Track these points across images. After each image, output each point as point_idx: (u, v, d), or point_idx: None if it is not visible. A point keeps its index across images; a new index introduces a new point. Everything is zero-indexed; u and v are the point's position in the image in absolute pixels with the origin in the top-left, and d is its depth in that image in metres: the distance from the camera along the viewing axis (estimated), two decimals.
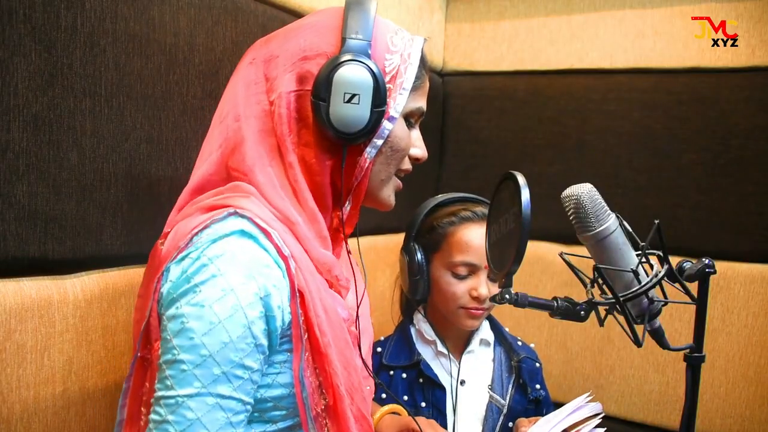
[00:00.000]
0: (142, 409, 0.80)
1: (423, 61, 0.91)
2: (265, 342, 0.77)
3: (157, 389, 0.75)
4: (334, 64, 0.82)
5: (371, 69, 0.83)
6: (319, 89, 0.83)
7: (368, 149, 0.87)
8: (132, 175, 1.03)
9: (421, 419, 1.11)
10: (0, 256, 0.86)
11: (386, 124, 0.87)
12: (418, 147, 0.95)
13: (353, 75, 0.82)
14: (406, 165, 0.95)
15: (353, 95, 0.82)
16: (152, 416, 0.74)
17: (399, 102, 0.87)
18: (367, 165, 0.88)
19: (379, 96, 0.83)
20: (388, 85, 0.86)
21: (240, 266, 0.75)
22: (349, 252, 1.02)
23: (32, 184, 0.88)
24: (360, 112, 0.83)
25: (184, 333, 0.73)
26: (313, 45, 0.85)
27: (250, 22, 1.23)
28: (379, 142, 0.87)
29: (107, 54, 0.97)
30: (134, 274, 1.04)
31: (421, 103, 0.92)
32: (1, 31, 0.83)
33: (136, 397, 0.82)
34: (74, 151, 0.93)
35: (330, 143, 0.86)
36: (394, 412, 1.16)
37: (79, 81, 0.93)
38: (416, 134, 0.95)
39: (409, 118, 0.92)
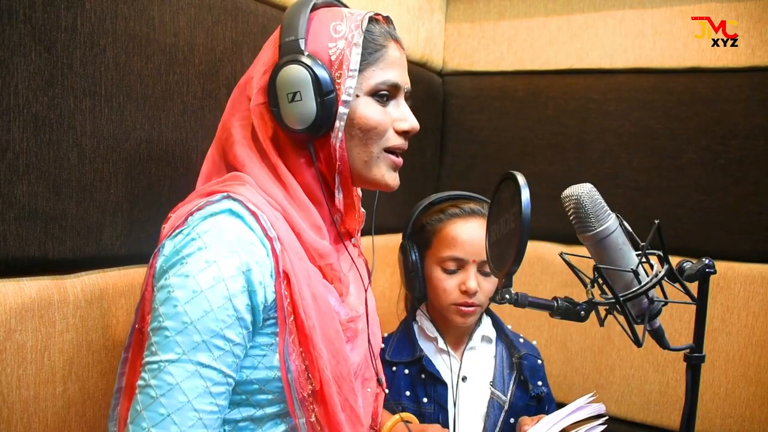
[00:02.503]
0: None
1: (378, 34, 0.91)
2: (248, 317, 0.80)
3: (144, 356, 0.79)
4: (273, 71, 0.87)
5: (303, 63, 0.85)
6: (270, 97, 0.88)
7: (333, 136, 0.89)
8: (132, 175, 1.03)
9: (434, 427, 1.11)
10: (0, 256, 0.86)
11: (341, 109, 0.88)
12: (402, 119, 0.93)
13: (288, 75, 0.86)
14: (393, 141, 0.93)
15: (295, 93, 0.86)
16: (139, 381, 0.78)
17: (349, 84, 0.87)
18: (338, 152, 0.90)
19: (321, 86, 0.86)
20: (337, 72, 0.87)
21: (225, 242, 0.79)
22: (358, 250, 1.04)
23: (32, 184, 0.88)
24: (305, 107, 0.86)
25: (169, 301, 0.77)
26: (267, 58, 0.91)
27: (250, 22, 1.23)
28: (341, 126, 0.89)
29: (107, 54, 0.97)
30: (134, 274, 1.04)
31: (386, 76, 0.91)
32: (1, 31, 0.83)
33: (134, 367, 0.86)
34: (74, 151, 0.93)
35: (299, 141, 0.90)
36: (406, 421, 1.16)
37: (79, 81, 0.93)
38: (396, 108, 0.93)
39: (377, 93, 0.90)
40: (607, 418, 1.05)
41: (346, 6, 0.97)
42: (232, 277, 0.78)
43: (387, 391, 1.25)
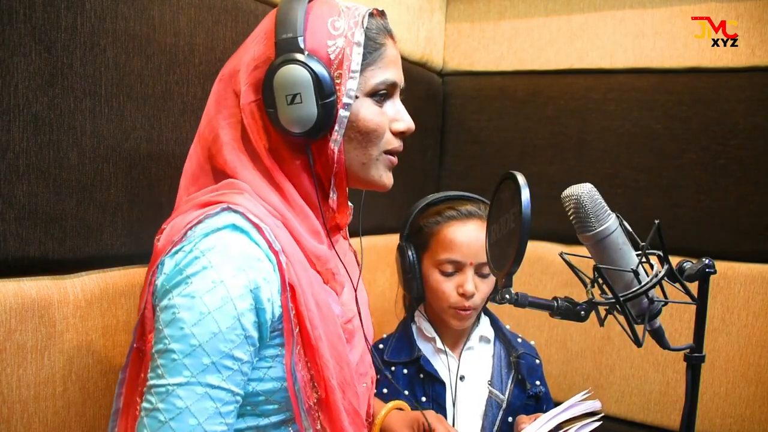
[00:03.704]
0: (137, 399, 0.81)
1: (376, 31, 0.88)
2: (255, 334, 0.78)
3: (149, 378, 0.77)
4: (269, 70, 0.83)
5: (305, 65, 0.81)
6: (266, 97, 0.84)
7: (331, 140, 0.86)
8: (132, 175, 1.03)
9: (429, 413, 1.12)
10: (0, 256, 0.86)
11: (342, 112, 0.85)
12: (399, 120, 0.91)
13: (288, 75, 0.82)
14: (392, 144, 0.91)
15: (295, 95, 0.82)
16: (144, 404, 0.76)
17: (350, 86, 0.84)
18: (336, 155, 0.87)
19: (323, 88, 0.82)
20: (336, 72, 0.84)
21: (231, 259, 0.77)
22: (348, 242, 1.04)
23: (32, 184, 0.88)
24: (306, 110, 0.82)
25: (175, 323, 0.75)
26: (259, 53, 0.86)
27: (250, 22, 1.23)
28: (341, 130, 0.86)
29: (107, 54, 0.97)
30: (134, 274, 1.04)
31: (386, 75, 0.88)
32: (1, 31, 0.83)
33: (132, 387, 0.84)
34: (74, 151, 0.93)
35: (295, 144, 0.87)
36: (399, 408, 1.17)
37: (79, 81, 0.93)
38: (393, 108, 0.91)
39: (376, 94, 0.88)
40: (602, 414, 1.05)
41: None
42: (240, 296, 0.76)
43: (385, 391, 1.25)
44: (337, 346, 0.86)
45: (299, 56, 0.82)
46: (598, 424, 1.03)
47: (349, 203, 0.97)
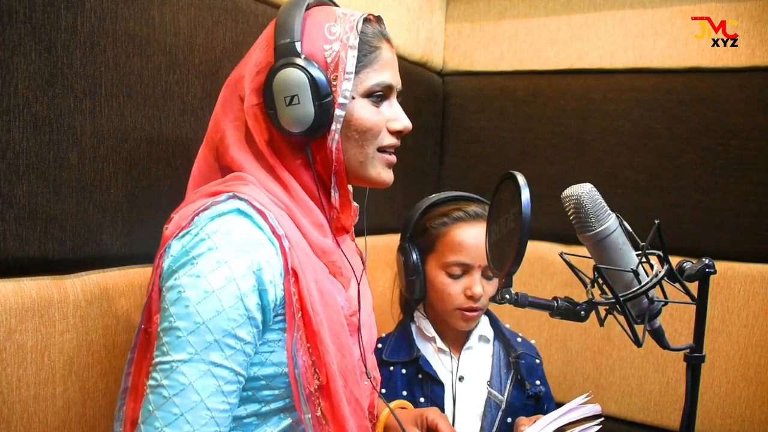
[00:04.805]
0: (144, 378, 0.83)
1: (371, 35, 0.91)
2: (258, 316, 0.80)
3: (155, 356, 0.79)
4: (269, 73, 0.87)
5: (302, 68, 0.85)
6: (266, 99, 0.88)
7: (329, 139, 0.89)
8: (132, 175, 1.03)
9: (431, 409, 1.12)
10: (0, 256, 0.86)
11: (338, 112, 0.88)
12: (396, 120, 0.94)
13: (286, 78, 0.86)
14: (388, 141, 0.94)
15: (293, 96, 0.86)
16: (149, 381, 0.78)
17: (345, 87, 0.88)
18: (334, 154, 0.90)
19: (319, 89, 0.86)
20: (332, 74, 0.88)
21: (234, 242, 0.80)
22: (355, 244, 1.05)
23: (32, 184, 0.88)
24: (303, 110, 0.86)
25: (180, 301, 0.78)
26: (260, 59, 0.91)
27: (250, 22, 1.23)
28: (338, 128, 0.89)
29: (107, 54, 0.97)
30: (134, 274, 1.04)
31: (381, 77, 0.92)
32: (1, 31, 0.83)
33: (139, 367, 0.86)
34: (74, 151, 0.93)
35: (295, 144, 0.90)
36: (402, 407, 1.17)
37: (79, 81, 0.93)
38: (390, 109, 0.95)
39: (372, 95, 0.91)
40: (602, 419, 1.05)
41: (337, 5, 0.97)
42: (243, 276, 0.79)
43: (384, 390, 1.25)
44: (339, 335, 0.88)
45: (297, 60, 0.86)
46: (597, 428, 1.03)
47: (354, 203, 0.99)
